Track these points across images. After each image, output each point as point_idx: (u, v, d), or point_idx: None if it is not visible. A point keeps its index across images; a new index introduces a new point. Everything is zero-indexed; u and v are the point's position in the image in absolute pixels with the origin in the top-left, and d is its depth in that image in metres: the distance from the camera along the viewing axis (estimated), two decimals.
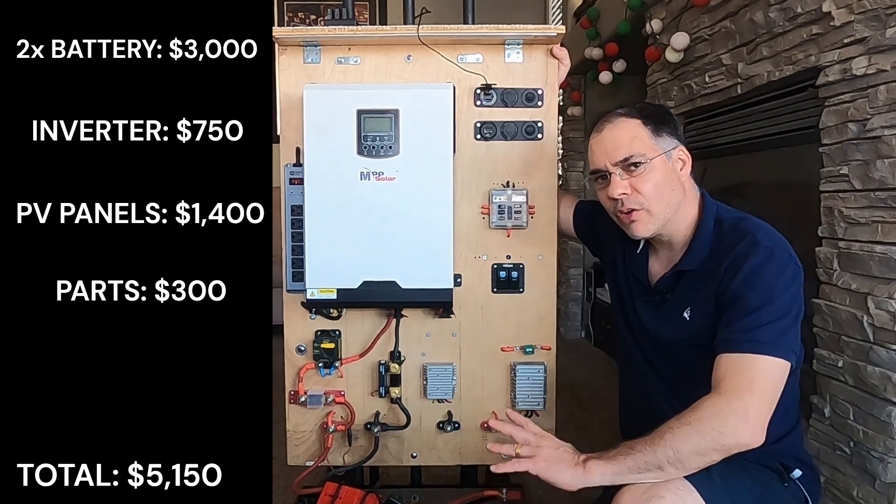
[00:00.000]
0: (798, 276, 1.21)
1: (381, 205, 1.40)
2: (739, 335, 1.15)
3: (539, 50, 1.50)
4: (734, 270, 1.20)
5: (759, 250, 1.20)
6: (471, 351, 1.55)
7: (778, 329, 1.14)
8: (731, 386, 1.11)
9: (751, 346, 1.13)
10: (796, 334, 1.18)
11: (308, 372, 1.53)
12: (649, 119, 1.29)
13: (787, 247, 1.23)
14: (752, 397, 1.10)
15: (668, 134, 1.29)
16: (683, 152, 1.31)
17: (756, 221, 1.29)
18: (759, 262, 1.19)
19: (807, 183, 1.86)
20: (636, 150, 1.26)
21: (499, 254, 1.53)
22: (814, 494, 1.30)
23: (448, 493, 1.59)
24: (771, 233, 1.25)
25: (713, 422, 1.08)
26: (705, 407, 1.10)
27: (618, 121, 1.30)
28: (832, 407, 1.72)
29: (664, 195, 1.27)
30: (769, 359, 1.13)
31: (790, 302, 1.18)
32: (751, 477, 1.23)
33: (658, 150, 1.27)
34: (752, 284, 1.17)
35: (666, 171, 1.27)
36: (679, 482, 1.13)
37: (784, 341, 1.14)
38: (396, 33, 1.47)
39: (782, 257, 1.20)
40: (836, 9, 1.67)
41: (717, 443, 1.08)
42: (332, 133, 1.39)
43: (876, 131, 1.54)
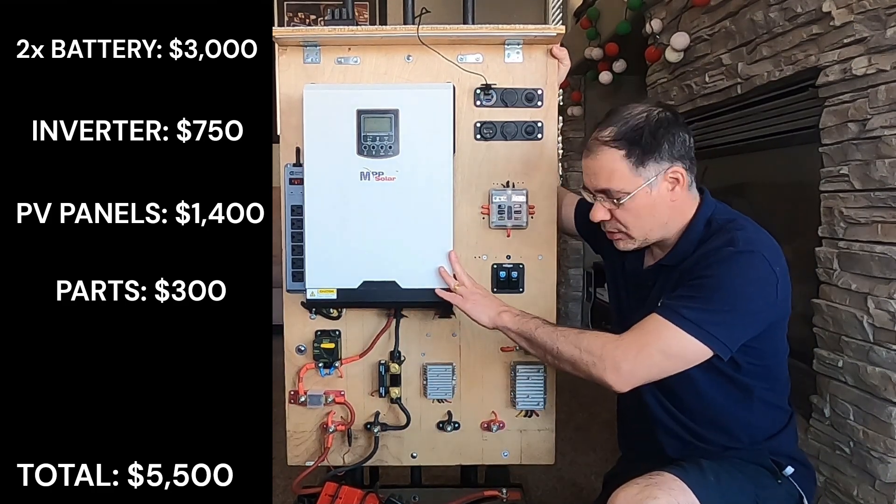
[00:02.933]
0: (768, 284, 1.20)
1: (381, 205, 1.40)
2: (672, 301, 1.20)
3: (539, 50, 1.50)
4: (703, 260, 1.23)
5: (732, 248, 1.20)
6: (471, 351, 1.55)
7: (710, 315, 1.16)
8: (631, 339, 1.21)
9: (671, 314, 1.18)
10: (734, 330, 1.18)
11: (308, 372, 1.53)
12: (634, 147, 1.23)
13: (770, 254, 1.21)
14: (636, 357, 1.19)
15: (656, 160, 1.24)
16: (677, 171, 1.26)
17: (745, 224, 1.27)
18: (726, 255, 1.20)
19: (807, 183, 1.86)
20: (615, 185, 1.25)
21: (499, 254, 1.53)
22: (808, 490, 1.31)
23: (448, 493, 1.59)
24: (755, 238, 1.23)
25: (594, 355, 1.21)
26: (602, 341, 1.22)
27: (599, 151, 1.26)
28: (832, 407, 1.72)
29: (645, 222, 1.28)
30: (680, 332, 1.17)
31: (743, 300, 1.18)
32: (744, 475, 1.24)
33: (640, 182, 1.24)
34: (709, 271, 1.20)
35: (648, 201, 1.26)
36: (673, 482, 1.14)
37: (711, 328, 1.16)
38: (396, 33, 1.47)
39: (754, 260, 1.19)
40: (836, 9, 1.67)
41: (587, 371, 1.22)
42: (332, 133, 1.39)
43: (876, 131, 1.54)
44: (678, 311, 1.18)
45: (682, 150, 1.26)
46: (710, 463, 1.22)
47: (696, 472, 1.17)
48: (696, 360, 1.20)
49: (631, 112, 1.26)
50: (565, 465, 2.39)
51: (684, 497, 1.13)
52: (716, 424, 1.30)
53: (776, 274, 1.20)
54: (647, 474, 1.17)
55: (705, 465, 1.21)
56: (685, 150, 1.27)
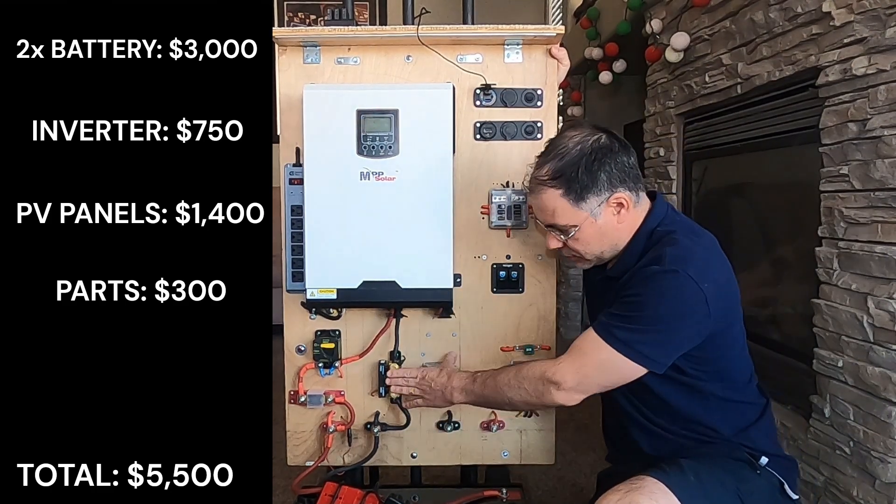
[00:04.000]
0: (694, 303, 1.21)
1: (380, 205, 1.40)
2: (606, 319, 1.26)
3: (538, 50, 1.50)
4: (632, 277, 1.27)
5: (658, 266, 1.22)
6: (471, 351, 1.55)
7: (639, 334, 1.22)
8: (569, 357, 1.29)
9: (605, 333, 1.24)
10: (662, 347, 1.23)
11: (308, 372, 1.54)
12: (571, 186, 1.25)
13: (696, 270, 1.20)
14: (576, 374, 1.27)
15: (595, 193, 1.26)
16: (619, 197, 1.27)
17: (679, 238, 1.26)
18: (650, 275, 1.23)
19: (807, 183, 1.86)
20: (559, 221, 1.29)
21: (499, 254, 1.53)
22: (788, 477, 1.31)
23: (448, 493, 1.59)
24: (682, 255, 1.23)
25: (538, 384, 1.30)
26: (540, 369, 1.30)
27: (540, 191, 1.29)
28: (832, 407, 1.72)
29: (595, 247, 1.32)
30: (612, 351, 1.23)
31: (667, 320, 1.22)
32: (724, 470, 1.25)
33: (584, 216, 1.27)
34: (636, 289, 1.24)
35: (594, 230, 1.29)
36: (654, 485, 1.16)
37: (640, 347, 1.22)
38: (396, 33, 1.47)
39: (678, 279, 1.20)
40: (836, 9, 1.67)
41: (540, 401, 1.32)
42: (332, 133, 1.39)
43: (876, 131, 1.54)
44: (610, 330, 1.24)
45: (622, 174, 1.28)
46: (689, 462, 1.23)
47: (677, 474, 1.19)
48: (632, 375, 1.25)
49: (566, 145, 1.28)
50: (565, 465, 2.39)
51: (666, 500, 1.14)
52: (683, 423, 1.32)
53: (703, 290, 1.20)
54: (629, 480, 1.18)
55: (685, 464, 1.22)
56: (625, 173, 1.28)
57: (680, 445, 1.31)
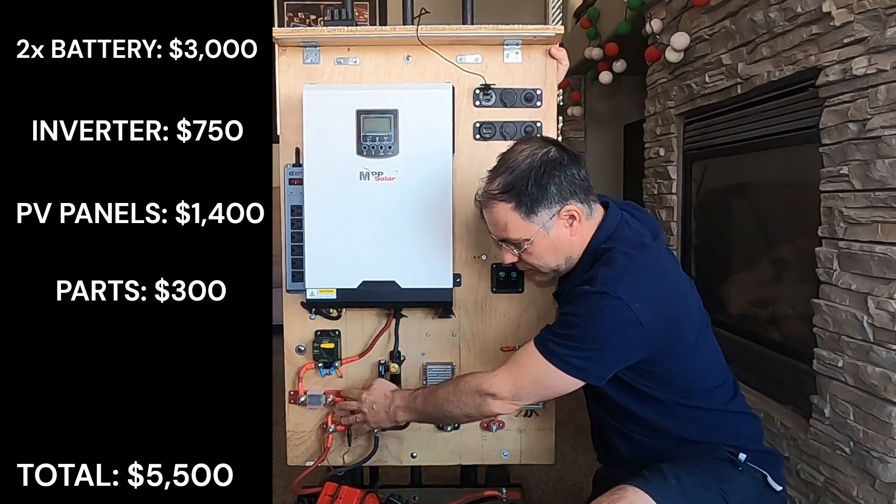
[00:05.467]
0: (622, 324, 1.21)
1: (380, 205, 1.40)
2: (545, 333, 1.28)
3: (538, 50, 1.50)
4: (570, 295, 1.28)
5: (588, 287, 1.23)
6: (471, 351, 1.55)
7: (572, 350, 1.24)
8: (506, 368, 1.31)
9: (542, 346, 1.26)
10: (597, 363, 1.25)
11: (308, 372, 1.54)
12: (522, 199, 1.26)
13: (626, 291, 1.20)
14: (512, 385, 1.29)
15: (545, 206, 1.26)
16: (570, 209, 1.28)
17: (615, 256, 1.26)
18: (580, 295, 1.24)
19: (807, 183, 1.86)
20: (512, 235, 1.30)
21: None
22: (772, 469, 1.31)
23: (448, 492, 1.59)
24: (613, 276, 1.22)
25: (478, 399, 1.32)
26: (476, 381, 1.33)
27: (491, 205, 1.29)
28: (832, 407, 1.72)
29: (549, 260, 1.33)
30: (547, 364, 1.25)
31: (596, 339, 1.23)
32: (705, 472, 1.24)
33: (535, 229, 1.28)
34: (570, 307, 1.27)
35: (547, 243, 1.30)
36: (635, 494, 1.15)
37: (575, 361, 1.24)
38: (396, 34, 1.47)
39: (604, 302, 1.21)
40: (836, 9, 1.67)
41: (480, 412, 1.35)
42: (332, 133, 1.40)
43: (876, 131, 1.54)
44: (547, 344, 1.26)
45: (572, 186, 1.28)
46: (670, 466, 1.22)
47: (658, 480, 1.18)
48: (568, 388, 1.28)
49: (516, 159, 1.28)
50: (565, 465, 2.39)
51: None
52: (651, 430, 1.33)
53: (634, 311, 1.20)
54: (609, 491, 1.18)
55: (666, 469, 1.21)
56: (576, 186, 1.28)
57: (657, 449, 1.31)
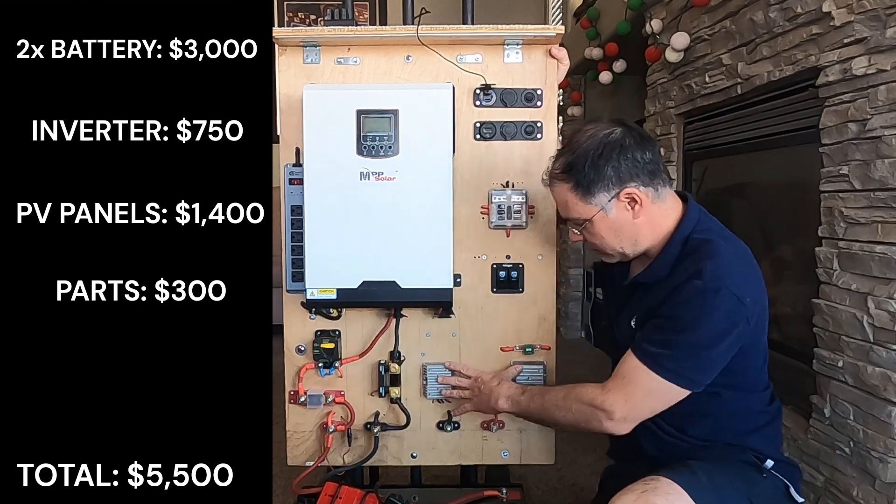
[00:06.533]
0: (737, 318, 1.20)
1: (380, 205, 1.40)
2: (648, 345, 1.24)
3: (538, 50, 1.50)
4: (675, 293, 1.24)
5: (700, 282, 1.20)
6: (471, 351, 1.55)
7: (684, 357, 1.21)
8: (616, 385, 1.27)
9: (649, 360, 1.23)
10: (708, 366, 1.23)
11: (308, 372, 1.54)
12: (580, 181, 1.26)
13: (737, 284, 1.20)
14: (625, 403, 1.25)
15: (603, 189, 1.26)
16: (631, 192, 1.26)
17: (717, 248, 1.24)
18: (694, 293, 1.21)
19: (807, 183, 1.86)
20: (572, 214, 1.31)
21: (499, 254, 1.53)
22: (793, 481, 1.31)
23: (448, 492, 1.59)
24: (723, 269, 1.21)
25: (588, 412, 1.29)
26: (589, 396, 1.29)
27: (553, 184, 1.32)
28: (832, 407, 1.72)
29: (612, 241, 1.32)
30: (658, 379, 1.22)
31: (713, 339, 1.21)
32: (733, 472, 1.25)
33: (593, 210, 1.28)
34: (679, 311, 1.22)
35: (607, 224, 1.29)
36: (669, 486, 1.15)
37: (687, 372, 1.22)
38: (396, 34, 1.47)
39: (719, 297, 1.19)
40: (836, 9, 1.67)
41: (589, 426, 1.31)
42: (332, 133, 1.39)
43: (876, 131, 1.54)
44: (657, 359, 1.22)
45: (634, 169, 1.26)
46: (698, 463, 1.22)
47: (689, 475, 1.18)
48: (677, 398, 1.25)
49: (579, 139, 1.28)
50: (565, 465, 2.39)
51: (681, 501, 1.13)
52: (686, 425, 1.32)
53: (745, 304, 1.20)
54: (642, 480, 1.17)
55: (695, 466, 1.21)
56: (638, 169, 1.26)
57: (684, 449, 1.30)
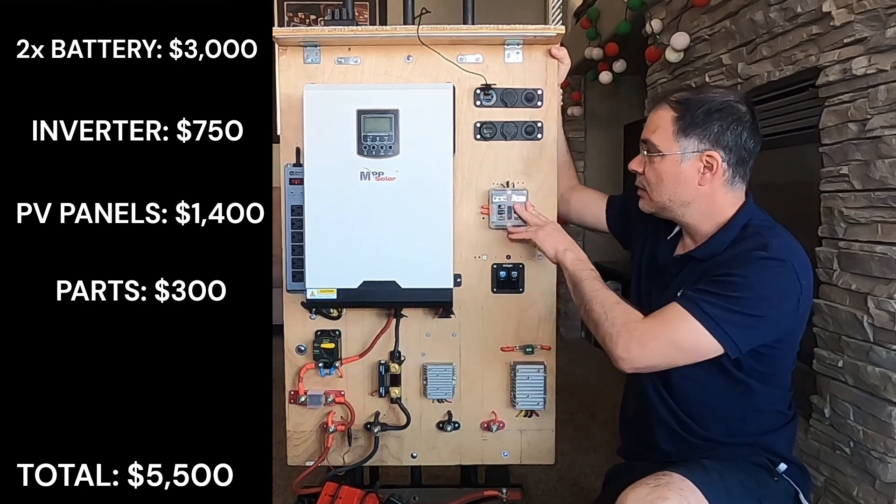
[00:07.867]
0: (792, 294, 1.21)
1: (381, 205, 1.40)
2: (694, 293, 1.21)
3: (539, 50, 1.50)
4: (735, 259, 1.23)
5: (765, 252, 1.21)
6: (471, 351, 1.55)
7: (730, 314, 1.18)
8: (650, 325, 1.23)
9: (693, 307, 1.20)
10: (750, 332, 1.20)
11: (308, 372, 1.54)
12: (685, 115, 1.28)
13: (800, 265, 1.22)
14: (650, 343, 1.21)
15: (698, 137, 1.27)
16: (713, 156, 1.27)
17: (783, 233, 1.27)
18: (757, 259, 1.21)
19: (807, 183, 1.86)
20: (654, 139, 1.32)
21: (499, 254, 1.53)
22: (804, 487, 1.32)
23: (448, 492, 1.59)
24: (789, 248, 1.23)
25: (614, 328, 1.23)
26: (626, 318, 1.24)
27: (660, 106, 1.33)
28: (832, 407, 1.72)
29: (664, 190, 1.32)
30: (697, 326, 1.19)
31: (765, 305, 1.19)
32: (744, 473, 1.25)
33: (674, 149, 1.29)
34: (738, 271, 1.20)
35: (674, 171, 1.30)
36: (682, 482, 1.15)
37: (728, 327, 1.18)
38: (396, 33, 1.47)
39: (784, 269, 1.20)
40: (836, 9, 1.67)
41: (603, 339, 1.25)
42: (332, 133, 1.40)
43: (876, 131, 1.54)
44: (700, 304, 1.19)
45: (731, 142, 1.28)
46: (711, 462, 1.22)
47: (701, 472, 1.18)
48: (706, 355, 1.21)
49: (713, 90, 1.33)
50: (565, 465, 2.39)
51: (694, 497, 1.13)
52: (708, 418, 1.31)
53: (801, 286, 1.22)
54: (654, 475, 1.17)
55: (707, 464, 1.21)
56: (734, 144, 1.28)
57: (699, 448, 1.30)
